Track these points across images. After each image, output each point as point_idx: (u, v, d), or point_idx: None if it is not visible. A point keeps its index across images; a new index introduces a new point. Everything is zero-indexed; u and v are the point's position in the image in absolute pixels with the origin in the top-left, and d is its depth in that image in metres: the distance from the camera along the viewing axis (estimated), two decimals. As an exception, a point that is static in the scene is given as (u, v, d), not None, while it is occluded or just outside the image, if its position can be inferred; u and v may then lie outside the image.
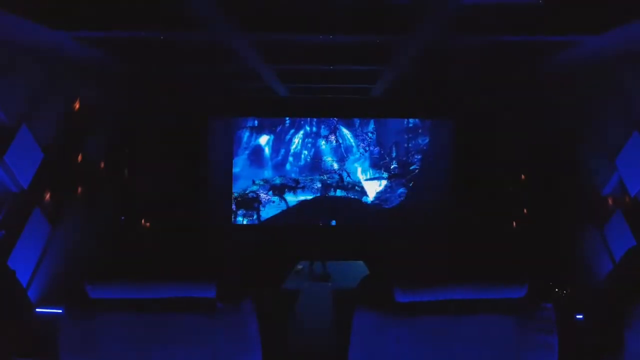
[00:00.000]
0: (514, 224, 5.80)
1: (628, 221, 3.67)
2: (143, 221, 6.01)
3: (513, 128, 5.99)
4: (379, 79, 4.72)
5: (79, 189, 4.46)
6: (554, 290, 4.24)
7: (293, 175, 7.24)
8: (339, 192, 7.24)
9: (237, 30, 2.97)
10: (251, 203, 7.14)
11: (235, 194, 7.11)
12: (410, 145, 7.40)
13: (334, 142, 7.30)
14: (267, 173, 7.25)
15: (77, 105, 4.36)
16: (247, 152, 7.25)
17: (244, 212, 7.17)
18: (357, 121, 7.40)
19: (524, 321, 1.78)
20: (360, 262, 5.60)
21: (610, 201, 3.91)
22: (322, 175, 7.23)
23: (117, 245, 5.17)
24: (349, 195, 7.28)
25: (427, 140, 7.49)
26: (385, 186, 7.42)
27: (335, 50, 3.88)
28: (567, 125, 4.55)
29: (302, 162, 7.25)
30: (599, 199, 4.00)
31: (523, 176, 5.65)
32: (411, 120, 7.44)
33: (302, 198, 7.21)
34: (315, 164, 7.26)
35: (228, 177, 7.63)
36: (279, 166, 7.25)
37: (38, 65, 3.70)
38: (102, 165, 4.92)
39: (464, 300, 1.78)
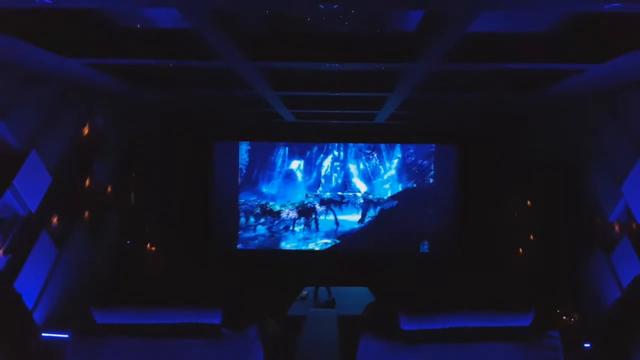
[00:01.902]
0: (520, 250, 5.77)
1: (635, 247, 3.65)
2: (149, 245, 6.02)
3: (519, 154, 6.00)
4: (384, 105, 4.76)
5: (86, 213, 4.48)
6: (561, 317, 4.20)
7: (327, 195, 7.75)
8: (378, 208, 7.71)
9: (245, 59, 3.02)
10: (310, 212, 7.67)
11: (297, 204, 7.69)
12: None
13: (376, 158, 7.70)
14: (301, 194, 7.73)
15: (86, 130, 4.41)
16: (281, 176, 7.71)
17: (305, 220, 7.68)
18: (382, 146, 7.73)
19: (530, 349, 1.77)
20: (365, 288, 5.56)
21: (617, 227, 3.89)
22: (363, 193, 7.75)
23: (123, 270, 5.17)
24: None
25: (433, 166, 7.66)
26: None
27: (340, 77, 3.93)
28: (573, 151, 4.56)
29: (332, 184, 7.72)
30: (606, 225, 3.98)
31: (529, 202, 5.64)
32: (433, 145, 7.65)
33: (346, 212, 7.73)
34: (346, 185, 7.75)
35: (234, 202, 7.68)
36: (312, 187, 7.74)
37: (48, 91, 3.76)
38: (109, 189, 4.95)
39: (469, 328, 1.77)
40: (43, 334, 3.50)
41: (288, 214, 7.69)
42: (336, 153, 7.74)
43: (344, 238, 7.72)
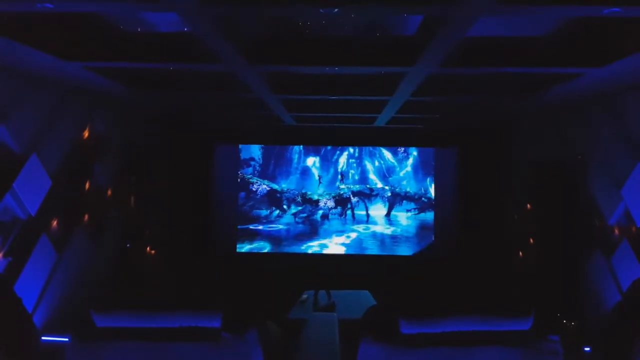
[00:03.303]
0: (520, 253, 5.77)
1: (635, 251, 3.65)
2: (149, 248, 6.02)
3: (518, 157, 6.01)
4: (384, 109, 4.77)
5: (86, 216, 4.48)
6: (561, 321, 4.20)
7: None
8: (405, 203, 7.88)
9: (245, 62, 3.02)
10: (345, 202, 7.94)
11: (333, 194, 7.94)
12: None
13: (402, 152, 7.94)
14: (320, 189, 7.99)
15: (86, 134, 4.42)
16: (298, 172, 7.97)
17: (341, 209, 7.92)
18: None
19: (530, 353, 1.77)
20: (366, 292, 5.56)
21: (616, 230, 3.90)
22: (390, 186, 7.98)
23: (123, 273, 5.17)
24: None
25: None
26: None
27: (340, 81, 3.94)
28: (573, 154, 4.57)
29: (349, 180, 7.94)
30: (606, 228, 3.98)
31: (529, 205, 5.64)
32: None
33: (374, 204, 7.99)
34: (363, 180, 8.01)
35: (234, 205, 7.68)
36: (329, 183, 7.96)
37: (48, 94, 3.77)
38: (109, 192, 4.95)
39: (469, 332, 1.77)
40: (43, 338, 3.50)
41: (325, 203, 7.93)
42: (351, 150, 7.93)
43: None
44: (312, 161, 7.95)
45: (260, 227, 7.82)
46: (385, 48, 3.02)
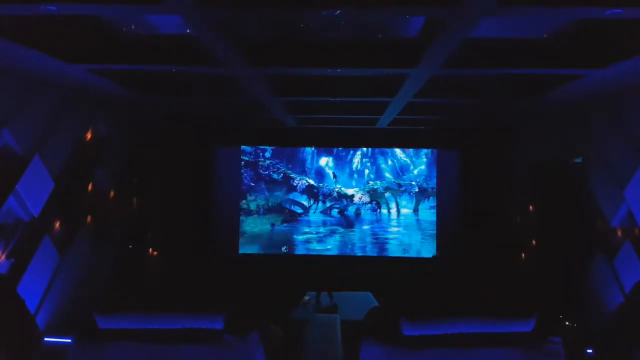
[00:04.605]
0: (523, 255, 5.76)
1: (638, 253, 3.64)
2: (151, 250, 6.03)
3: (520, 158, 6.00)
4: (386, 110, 4.77)
5: (89, 218, 4.49)
6: (563, 323, 4.19)
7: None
8: (432, 199, 7.84)
9: (247, 65, 3.03)
10: (379, 197, 7.93)
11: (368, 188, 7.95)
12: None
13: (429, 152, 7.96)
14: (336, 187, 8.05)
15: (88, 136, 4.43)
16: (312, 172, 7.98)
17: (375, 205, 7.93)
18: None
19: (531, 355, 1.77)
20: (368, 293, 5.56)
21: (619, 232, 3.89)
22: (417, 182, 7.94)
23: (125, 274, 5.17)
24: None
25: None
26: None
27: (342, 83, 3.94)
28: (575, 155, 4.56)
29: (365, 179, 7.93)
30: (608, 230, 3.98)
31: (531, 207, 5.64)
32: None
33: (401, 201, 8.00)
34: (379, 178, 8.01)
35: (236, 207, 7.68)
36: (345, 182, 7.96)
37: (51, 97, 3.77)
38: (111, 194, 4.96)
39: (471, 333, 1.77)
40: (46, 339, 3.51)
41: (360, 198, 7.93)
42: (364, 149, 7.90)
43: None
44: (325, 161, 7.94)
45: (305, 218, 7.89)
46: (387, 50, 3.02)
